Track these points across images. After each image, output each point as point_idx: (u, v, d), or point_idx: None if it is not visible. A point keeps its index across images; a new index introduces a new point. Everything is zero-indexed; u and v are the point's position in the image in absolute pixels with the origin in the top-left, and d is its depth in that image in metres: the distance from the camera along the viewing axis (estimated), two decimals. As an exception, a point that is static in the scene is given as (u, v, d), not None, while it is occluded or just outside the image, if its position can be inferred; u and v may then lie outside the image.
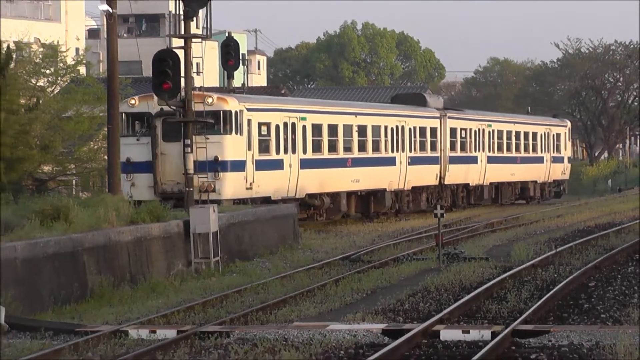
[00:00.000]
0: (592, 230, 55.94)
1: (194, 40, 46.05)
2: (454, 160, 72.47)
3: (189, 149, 45.14)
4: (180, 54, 44.55)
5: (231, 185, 50.04)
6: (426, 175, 69.69)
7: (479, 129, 76.66)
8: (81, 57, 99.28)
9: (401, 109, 68.99)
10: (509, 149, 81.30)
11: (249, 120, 51.66)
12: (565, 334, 26.10)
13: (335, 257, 44.68)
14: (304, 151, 56.80)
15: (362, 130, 62.81)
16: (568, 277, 36.11)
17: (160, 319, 30.10)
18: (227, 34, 66.41)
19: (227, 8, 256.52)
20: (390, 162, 65.56)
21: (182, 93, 44.44)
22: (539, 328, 26.99)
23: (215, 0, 45.26)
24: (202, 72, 48.11)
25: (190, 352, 25.58)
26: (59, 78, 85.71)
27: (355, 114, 62.52)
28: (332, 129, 60.07)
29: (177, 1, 44.79)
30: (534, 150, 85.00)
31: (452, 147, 73.01)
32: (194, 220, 40.58)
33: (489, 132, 77.94)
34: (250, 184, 51.31)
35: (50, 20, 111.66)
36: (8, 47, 78.06)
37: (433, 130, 71.12)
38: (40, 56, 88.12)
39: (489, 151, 77.68)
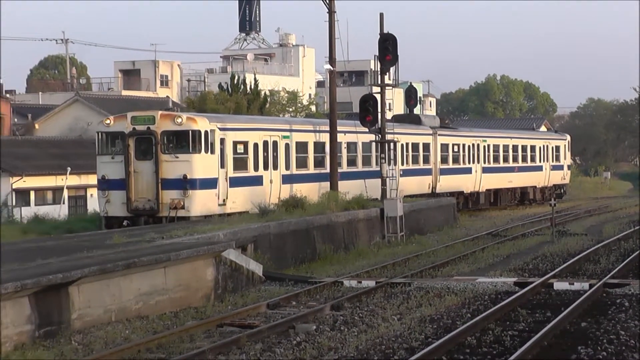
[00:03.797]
0: (659, 215, 54.65)
1: (387, 87, 46.26)
2: (445, 172, 57.64)
3: (383, 160, 45.11)
4: (378, 97, 44.76)
5: (200, 203, 36.22)
6: (418, 186, 54.17)
7: (473, 144, 61.86)
8: (312, 99, 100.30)
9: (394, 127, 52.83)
10: (505, 160, 66.45)
11: (222, 140, 37.56)
12: (640, 286, 25.71)
13: (482, 233, 44.37)
14: (287, 167, 42.07)
15: (351, 146, 47.87)
16: (642, 247, 35.54)
17: (364, 273, 30.15)
18: (409, 83, 66.33)
19: (409, 64, 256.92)
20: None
21: (379, 123, 44.55)
22: (622, 282, 26.55)
23: (401, 61, 45.12)
24: (392, 109, 48.35)
25: (384, 296, 25.59)
26: (298, 114, 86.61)
27: (345, 132, 46.89)
28: (319, 146, 44.88)
29: (376, 62, 45.15)
30: (533, 160, 70.69)
31: (445, 160, 58.09)
32: (386, 208, 40.65)
33: (484, 146, 63.40)
34: (224, 200, 37.34)
35: (292, 75, 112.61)
36: (265, 94, 79.24)
37: (426, 146, 56.32)
38: (286, 99, 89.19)
39: (485, 162, 63.14)
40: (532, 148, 70.61)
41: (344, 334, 20.16)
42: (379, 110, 44.55)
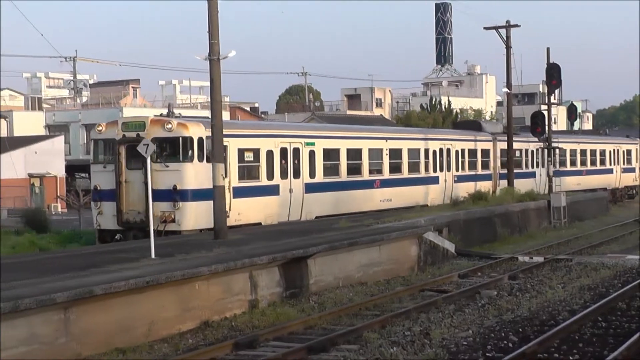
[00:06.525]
0: None
1: (552, 105, 45.27)
2: (505, 177, 43.73)
3: (550, 162, 44.00)
4: (545, 113, 43.89)
5: (193, 216, 25.89)
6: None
7: (536, 149, 48.09)
8: (493, 115, 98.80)
9: (446, 134, 41.93)
10: (573, 164, 53.44)
11: (225, 147, 25.63)
12: None
13: (629, 220, 42.93)
14: (311, 175, 30.91)
15: (394, 153, 35.96)
16: None
17: (534, 251, 29.63)
18: (570, 102, 64.66)
19: (571, 86, 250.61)
20: (433, 181, 38.35)
21: (546, 133, 43.65)
22: None
23: (563, 83, 44.04)
24: (557, 123, 47.14)
25: (550, 269, 25.09)
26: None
27: (386, 139, 35.73)
28: (354, 153, 33.54)
29: (543, 85, 44.33)
30: (602, 163, 57.65)
31: (505, 165, 44.32)
32: (552, 200, 39.96)
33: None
34: (226, 212, 24.85)
35: (477, 97, 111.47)
36: (456, 112, 78.48)
37: (485, 152, 43.35)
38: (472, 116, 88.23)
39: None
40: (602, 152, 58.35)
41: (519, 298, 19.83)
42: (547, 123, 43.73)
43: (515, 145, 44.71)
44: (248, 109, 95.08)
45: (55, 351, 13.83)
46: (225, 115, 68.90)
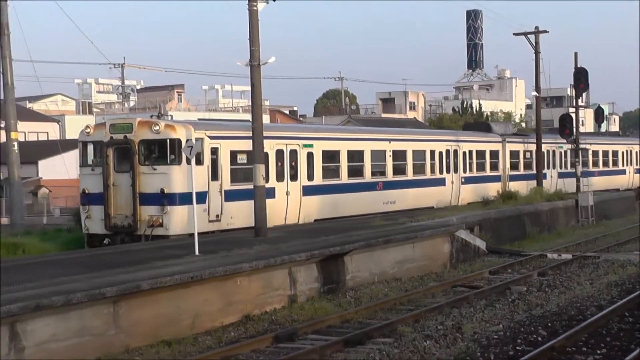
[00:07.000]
0: None
1: (580, 108, 44.88)
2: (515, 178, 41.09)
3: (578, 163, 43.56)
4: (573, 115, 43.51)
5: (181, 220, 23.41)
6: (484, 192, 37.28)
7: (548, 150, 44.74)
8: (522, 118, 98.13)
9: (453, 135, 38.58)
10: (584, 165, 48.20)
11: (215, 149, 24.62)
12: None
13: (656, 219, 42.35)
14: (310, 178, 28.39)
15: (398, 155, 33.24)
16: None
17: (562, 249, 29.42)
18: (598, 105, 63.94)
19: (598, 89, 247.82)
20: (439, 182, 35.56)
21: (574, 135, 43.21)
22: None
23: (590, 86, 43.59)
24: (584, 125, 46.53)
25: (578, 266, 24.88)
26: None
27: (390, 140, 33.01)
28: (356, 155, 30.91)
29: (571, 89, 43.87)
30: (615, 164, 53.69)
31: (515, 167, 41.62)
32: (580, 199, 39.64)
33: (560, 152, 46.12)
34: (217, 215, 24.45)
35: (507, 100, 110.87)
36: (486, 114, 78.02)
37: (494, 153, 40.03)
38: (502, 119, 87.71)
39: (560, 168, 45.95)
40: (615, 153, 54.24)
41: (548, 294, 19.68)
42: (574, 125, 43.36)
43: (527, 148, 43.02)
44: (287, 112, 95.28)
45: (105, 342, 13.97)
46: (266, 119, 69.09)
